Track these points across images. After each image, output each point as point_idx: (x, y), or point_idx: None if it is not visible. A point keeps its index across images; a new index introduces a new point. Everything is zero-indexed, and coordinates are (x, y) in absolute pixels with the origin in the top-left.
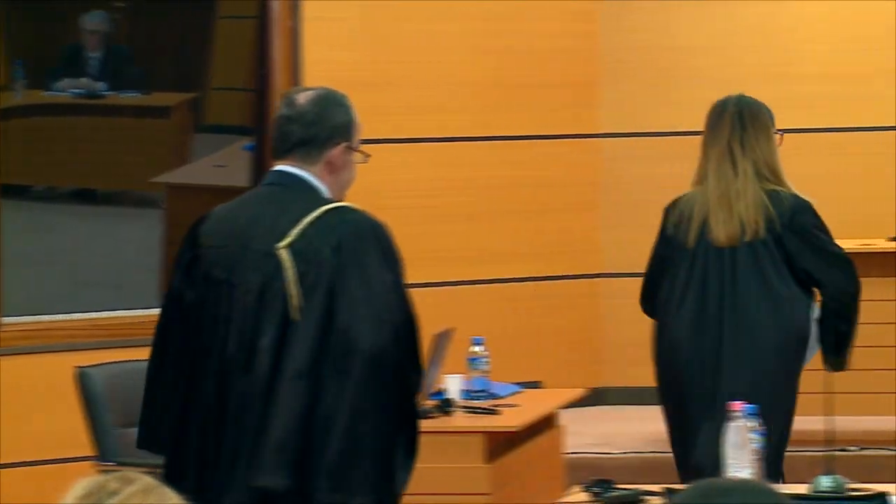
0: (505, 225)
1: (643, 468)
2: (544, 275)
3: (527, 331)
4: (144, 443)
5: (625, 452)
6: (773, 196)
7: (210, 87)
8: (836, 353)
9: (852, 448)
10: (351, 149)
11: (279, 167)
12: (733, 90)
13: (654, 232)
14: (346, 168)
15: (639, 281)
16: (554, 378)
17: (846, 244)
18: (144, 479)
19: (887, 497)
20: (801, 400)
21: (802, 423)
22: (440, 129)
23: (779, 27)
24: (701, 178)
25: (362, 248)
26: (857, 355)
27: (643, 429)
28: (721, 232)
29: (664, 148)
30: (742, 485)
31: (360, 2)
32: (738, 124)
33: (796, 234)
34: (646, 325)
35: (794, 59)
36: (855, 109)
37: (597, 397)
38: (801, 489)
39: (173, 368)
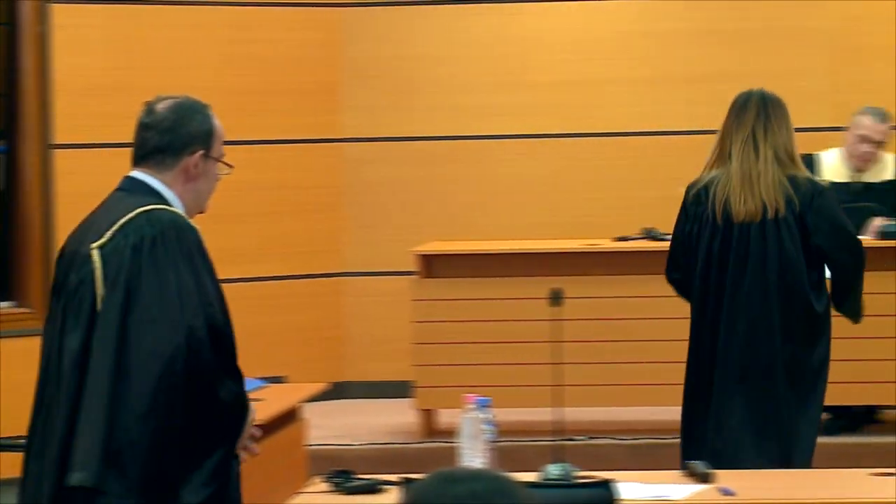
0: (251, 225)
1: (382, 459)
2: (289, 274)
3: (272, 328)
4: None
5: (364, 444)
6: (792, 179)
7: None
8: (850, 313)
9: (580, 437)
10: (209, 157)
11: (130, 174)
12: (469, 97)
13: (396, 232)
14: (203, 177)
15: (380, 279)
16: (298, 373)
17: (571, 244)
18: None
19: (612, 484)
20: (531, 392)
21: (532, 413)
22: None
23: (511, 38)
24: (720, 161)
25: (163, 248)
26: (591, 351)
27: (382, 421)
28: (742, 209)
29: (404, 152)
30: (476, 473)
31: (108, 8)
32: (763, 113)
33: (814, 214)
34: (386, 322)
35: (525, 68)
36: (582, 116)
37: (339, 391)
38: (531, 477)
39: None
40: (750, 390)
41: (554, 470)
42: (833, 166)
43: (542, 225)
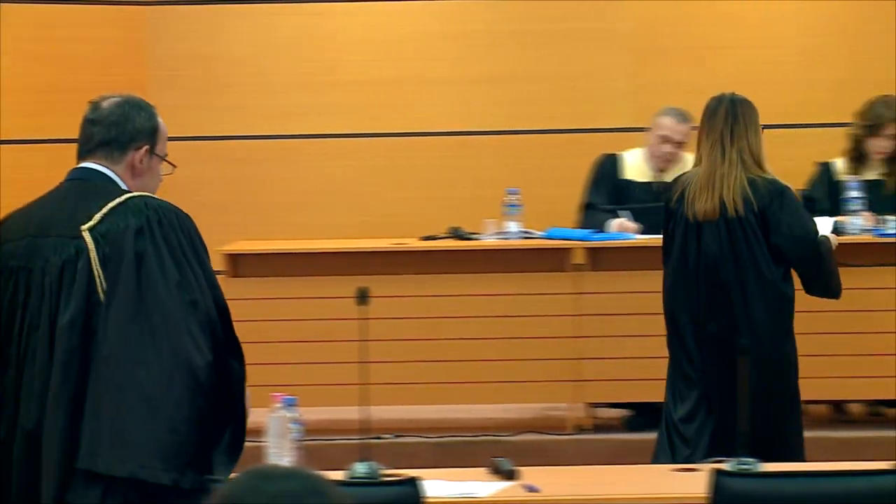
0: None
1: None
2: None
3: None
4: None
5: None
6: (752, 181)
7: None
8: (822, 295)
9: (387, 436)
10: (154, 154)
11: (83, 164)
12: (276, 97)
13: (204, 232)
14: (149, 173)
15: None
16: None
17: (378, 243)
18: None
19: (418, 482)
20: (337, 391)
21: (339, 412)
22: None
23: (317, 38)
24: (697, 162)
25: (170, 232)
26: (398, 349)
27: None
28: (700, 208)
29: (211, 152)
30: (290, 472)
31: None
32: (731, 118)
33: (772, 213)
34: None
35: (331, 68)
36: (389, 116)
37: None
38: (338, 476)
39: None
40: (723, 377)
41: (360, 468)
42: (636, 166)
43: (351, 225)
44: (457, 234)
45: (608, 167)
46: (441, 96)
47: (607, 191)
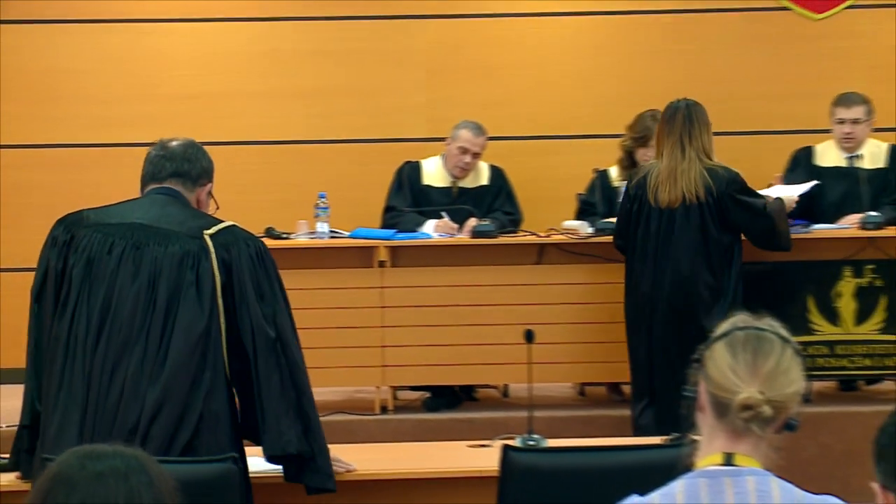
0: None
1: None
2: None
3: None
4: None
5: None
6: (711, 171)
7: None
8: (779, 249)
9: None
10: (210, 193)
11: (165, 184)
12: (106, 108)
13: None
14: (205, 207)
15: (28, 275)
16: None
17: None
18: None
19: (236, 459)
20: None
21: None
22: None
23: (140, 55)
24: (657, 158)
25: (271, 261)
26: None
27: (12, 405)
28: (665, 197)
29: (40, 158)
30: (115, 451)
31: None
32: (688, 121)
33: (728, 196)
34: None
35: (153, 82)
36: (211, 126)
37: None
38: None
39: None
40: (680, 328)
41: None
42: (435, 172)
43: None
44: (271, 234)
45: (409, 173)
46: (254, 109)
47: (409, 195)
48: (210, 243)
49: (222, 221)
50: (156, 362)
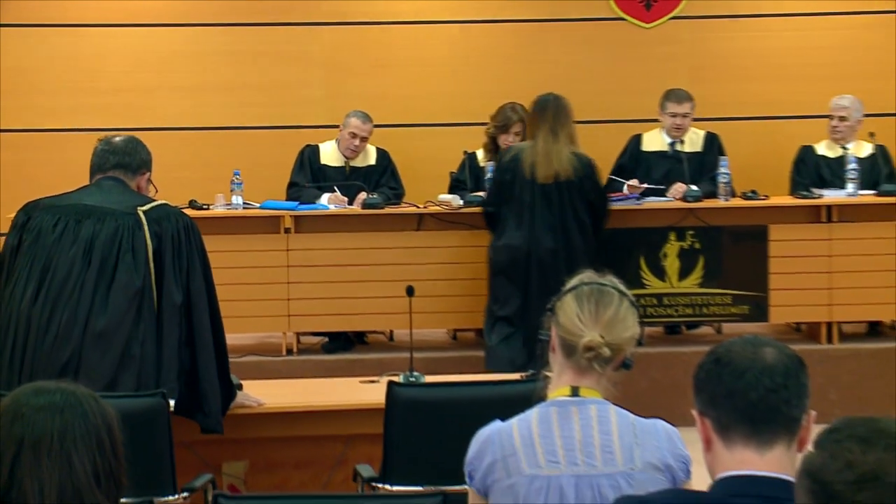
0: None
1: None
2: None
3: None
4: None
5: None
6: (577, 156)
7: None
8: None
9: None
10: (150, 180)
11: (109, 174)
12: (52, 99)
13: None
14: (145, 192)
15: None
16: None
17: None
18: None
19: (165, 393)
20: None
21: None
22: None
23: (85, 53)
24: (529, 139)
25: (196, 235)
26: None
27: None
28: (542, 174)
29: (5, 142)
30: (54, 386)
31: None
32: (556, 111)
33: (587, 178)
34: None
35: (92, 77)
36: (142, 115)
37: None
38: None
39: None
40: (548, 283)
41: None
42: (330, 153)
43: None
44: (194, 206)
45: (310, 155)
46: (180, 100)
47: (309, 172)
48: (143, 218)
49: (155, 201)
50: (91, 313)
